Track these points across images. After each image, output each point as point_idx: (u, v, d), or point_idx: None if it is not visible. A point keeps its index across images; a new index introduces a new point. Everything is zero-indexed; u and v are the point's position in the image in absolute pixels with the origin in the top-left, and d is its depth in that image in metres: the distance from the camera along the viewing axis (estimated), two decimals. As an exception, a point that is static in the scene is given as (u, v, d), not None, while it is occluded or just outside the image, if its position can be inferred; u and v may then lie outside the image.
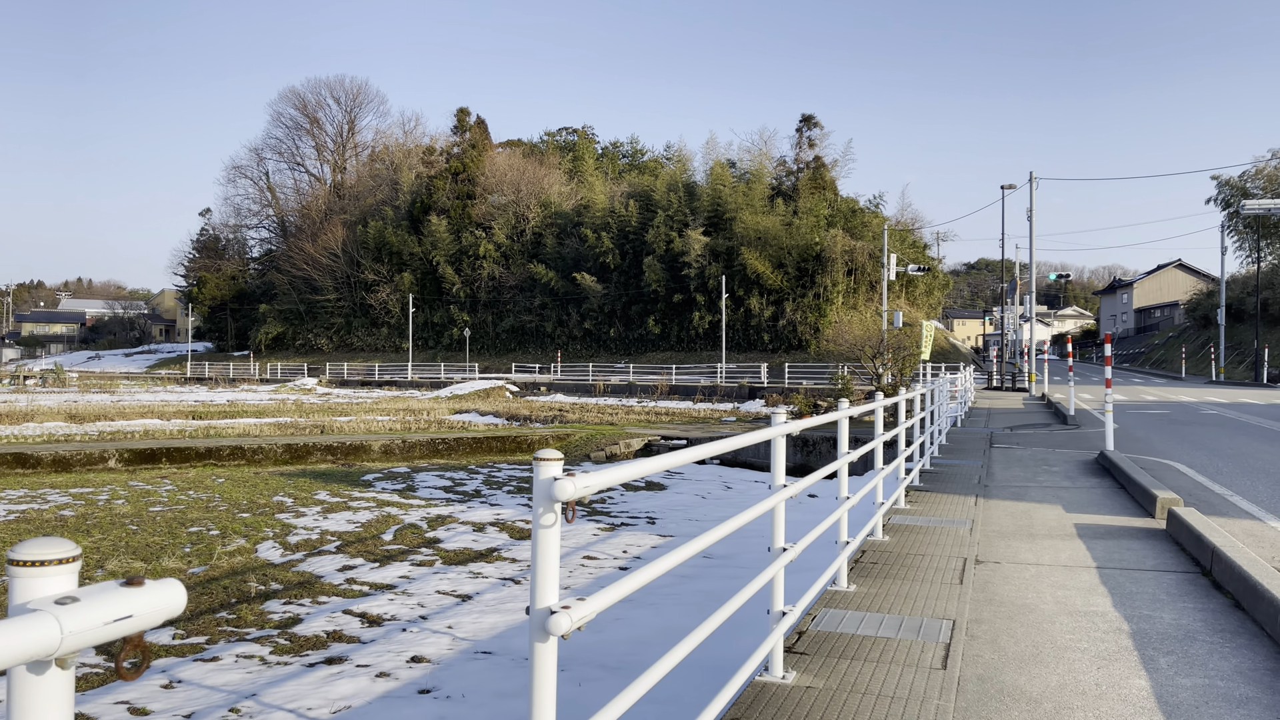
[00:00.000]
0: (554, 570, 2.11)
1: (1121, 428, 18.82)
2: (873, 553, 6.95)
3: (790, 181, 63.66)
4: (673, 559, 2.96)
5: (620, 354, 63.39)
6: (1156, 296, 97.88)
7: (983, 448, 15.06)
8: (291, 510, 14.00)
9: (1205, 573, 6.20)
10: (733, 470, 19.93)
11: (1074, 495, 9.90)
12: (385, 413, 36.73)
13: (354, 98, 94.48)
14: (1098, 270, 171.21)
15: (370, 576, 9.73)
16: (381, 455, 21.16)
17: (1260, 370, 41.54)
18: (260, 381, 68.27)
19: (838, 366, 39.57)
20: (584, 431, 24.51)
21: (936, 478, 11.35)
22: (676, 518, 13.71)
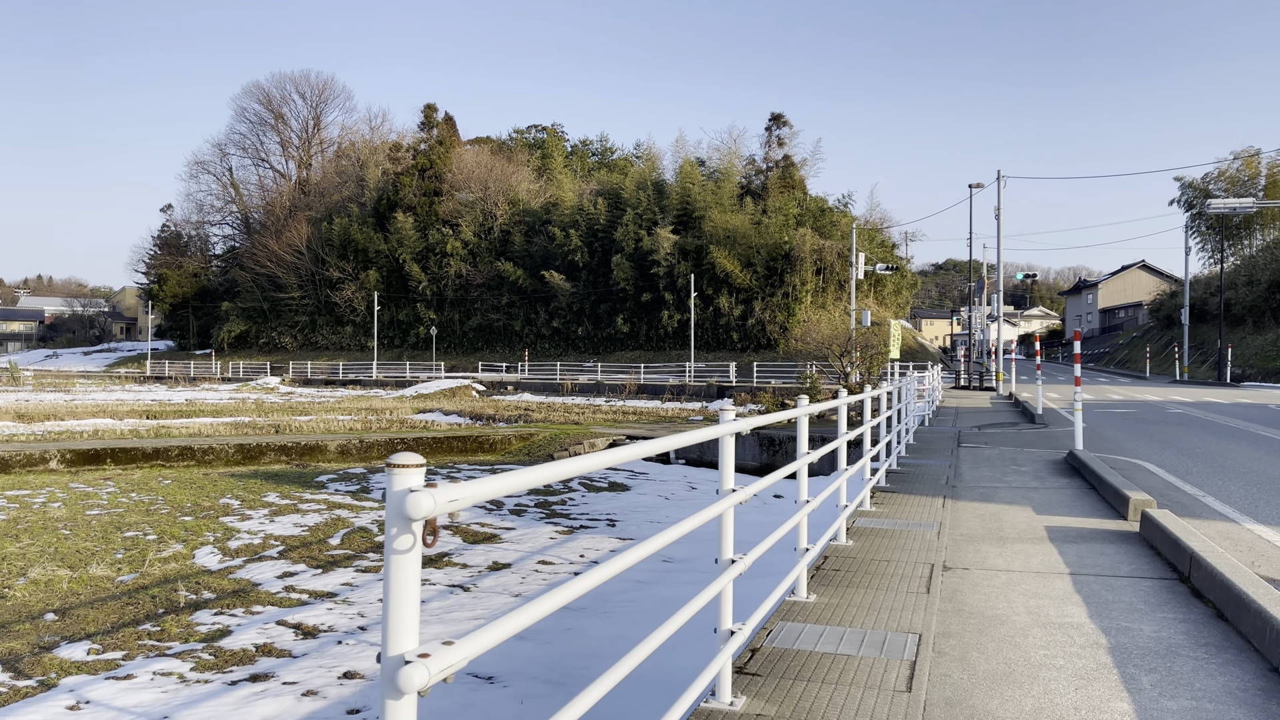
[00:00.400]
0: (411, 607, 1.67)
1: (1089, 427, 18.65)
2: (835, 558, 6.57)
3: (759, 180, 63.49)
4: (579, 586, 2.55)
5: (589, 353, 62.91)
6: (1121, 297, 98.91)
7: (950, 447, 14.79)
8: (237, 513, 13.44)
9: (1184, 579, 5.87)
10: (698, 470, 19.55)
11: (1044, 496, 9.60)
12: (347, 412, 36.03)
13: (320, 93, 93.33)
14: (1063, 271, 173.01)
15: (311, 584, 9.23)
16: (338, 456, 20.57)
17: (1223, 369, 41.85)
18: (222, 380, 67.07)
19: (806, 365, 39.37)
20: (548, 431, 24.04)
21: (903, 478, 11.02)
22: (638, 520, 13.30)
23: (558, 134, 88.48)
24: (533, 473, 2.08)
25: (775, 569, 7.87)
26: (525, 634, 7.41)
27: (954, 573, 6.13)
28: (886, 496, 9.59)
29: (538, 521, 13.04)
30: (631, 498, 15.48)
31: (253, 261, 78.08)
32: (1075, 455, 11.91)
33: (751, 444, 19.60)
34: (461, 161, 72.81)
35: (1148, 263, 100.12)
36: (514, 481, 1.95)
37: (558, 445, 22.31)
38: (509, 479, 1.93)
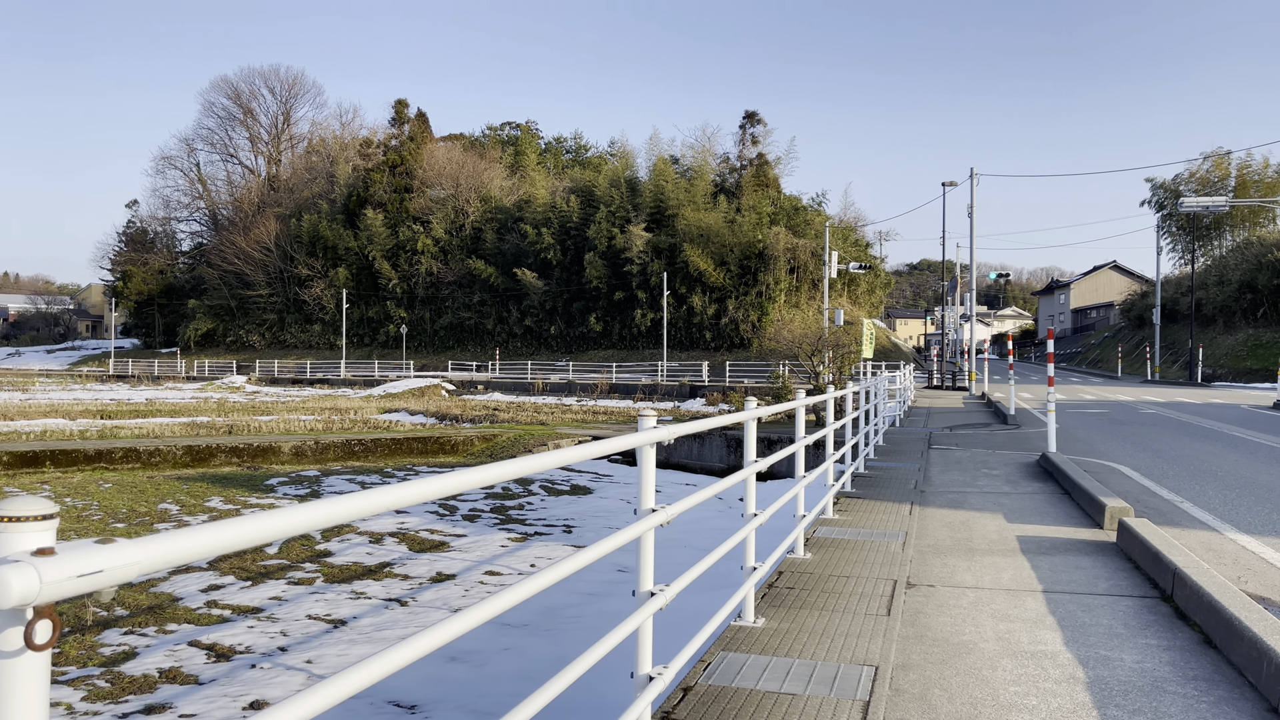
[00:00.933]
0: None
1: (1062, 428, 18.28)
2: (791, 574, 6.05)
3: (733, 179, 63.08)
4: (459, 624, 2.01)
5: (561, 352, 62.27)
6: (1092, 297, 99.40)
7: (921, 449, 14.34)
8: (174, 520, 12.76)
9: (1166, 598, 5.39)
10: (664, 472, 19.01)
11: (1016, 502, 9.14)
12: (310, 412, 35.22)
13: (289, 88, 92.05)
14: (1036, 272, 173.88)
15: (237, 598, 8.60)
16: (292, 457, 19.86)
17: (1194, 370, 41.85)
18: (187, 379, 65.85)
19: (779, 365, 38.96)
20: (512, 432, 23.44)
21: (870, 482, 10.54)
22: (596, 525, 12.74)
23: (532, 131, 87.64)
24: (341, 503, 1.50)
25: (733, 580, 7.35)
26: (458, 654, 6.84)
27: (918, 590, 5.62)
28: (851, 503, 9.09)
29: (491, 528, 12.45)
30: (593, 502, 14.92)
31: (220, 258, 76.79)
32: (1048, 458, 11.47)
33: (718, 445, 19.09)
34: (433, 158, 71.87)
35: (1119, 263, 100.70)
36: (183, 547, 1.26)
37: (521, 447, 21.71)
38: (180, 542, 1.27)
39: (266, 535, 1.43)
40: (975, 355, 33.23)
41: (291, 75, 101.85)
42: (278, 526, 1.44)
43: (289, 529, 1.48)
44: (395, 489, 1.82)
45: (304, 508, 1.54)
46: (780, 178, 63.80)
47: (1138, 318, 64.84)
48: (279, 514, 1.46)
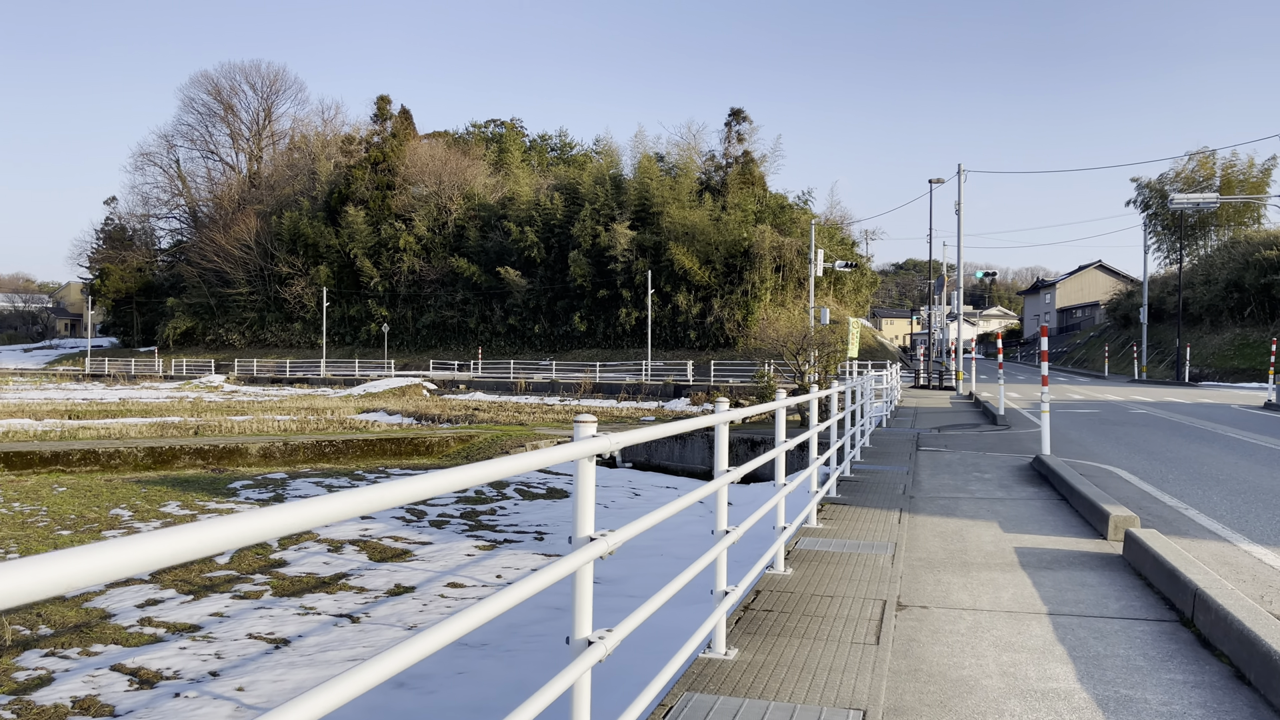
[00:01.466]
0: None
1: (1053, 428, 17.79)
2: (769, 594, 5.47)
3: (719, 176, 62.55)
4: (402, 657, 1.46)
5: (545, 351, 61.60)
6: (1078, 297, 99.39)
7: (909, 451, 13.81)
8: (125, 526, 12.09)
9: (1186, 621, 4.84)
10: (645, 475, 18.44)
11: (1011, 509, 8.60)
12: (286, 412, 34.50)
13: (271, 84, 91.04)
14: (1021, 271, 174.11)
15: (174, 614, 7.97)
16: (259, 459, 19.18)
17: (1181, 369, 41.57)
18: (165, 378, 64.87)
19: (765, 364, 38.45)
20: (489, 433, 22.81)
21: (857, 487, 9.99)
22: (570, 532, 12.14)
23: (517, 129, 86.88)
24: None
25: (708, 592, 6.77)
26: (408, 679, 6.24)
27: (910, 613, 5.06)
28: (836, 510, 8.53)
29: (459, 534, 11.85)
30: (567, 506, 14.32)
31: (199, 256, 75.74)
32: (1043, 461, 10.95)
33: (700, 445, 18.52)
34: (415, 154, 71.05)
35: (1104, 263, 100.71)
36: None
37: (498, 448, 21.10)
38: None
39: (205, 548, 1.24)
40: (962, 354, 32.79)
41: (273, 71, 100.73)
42: (216, 538, 1.26)
43: (232, 540, 1.30)
44: (356, 495, 1.65)
45: (249, 517, 1.36)
46: (766, 176, 63.31)
47: (1123, 317, 64.70)
48: (218, 525, 1.28)
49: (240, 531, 1.32)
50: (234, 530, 1.30)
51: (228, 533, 1.28)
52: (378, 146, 73.10)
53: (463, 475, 2.02)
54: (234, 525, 1.31)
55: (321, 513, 1.50)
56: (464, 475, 2.02)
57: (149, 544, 1.15)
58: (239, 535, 1.32)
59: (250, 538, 1.36)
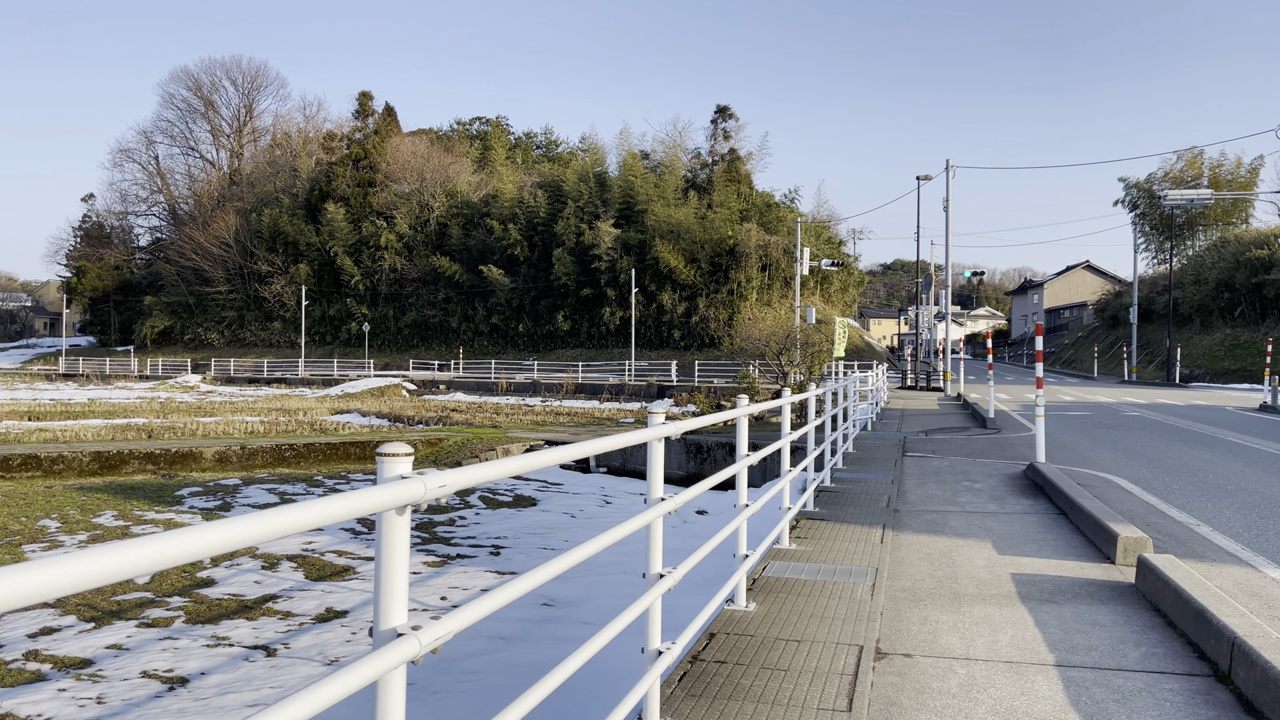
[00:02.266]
0: None
1: (1045, 432, 17.04)
2: (725, 639, 4.63)
3: (705, 174, 61.75)
4: None
5: (529, 350, 60.69)
6: (1066, 297, 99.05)
7: (894, 456, 13.01)
8: (48, 539, 11.17)
9: (1222, 677, 4.03)
10: (619, 480, 17.60)
11: (1005, 525, 7.78)
12: (257, 413, 33.54)
13: (252, 80, 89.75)
14: (1009, 272, 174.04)
15: (67, 647, 7.08)
16: (215, 464, 18.25)
17: (1172, 370, 40.97)
18: (140, 378, 63.67)
19: (750, 364, 37.66)
20: (459, 435, 21.93)
21: (837, 499, 9.16)
22: (530, 546, 11.28)
23: (502, 126, 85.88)
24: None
25: (715, 577, 5.91)
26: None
27: (891, 664, 4.22)
28: (813, 527, 7.70)
29: (410, 549, 10.95)
30: (533, 515, 13.47)
31: (178, 254, 74.50)
32: (1038, 470, 10.16)
33: (678, 450, 17.67)
34: (397, 151, 69.98)
35: (1092, 263, 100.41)
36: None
37: (468, 451, 20.22)
38: None
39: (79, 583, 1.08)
40: (950, 355, 32.03)
41: (254, 67, 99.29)
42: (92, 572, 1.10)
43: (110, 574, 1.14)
44: (286, 513, 1.45)
45: (145, 544, 1.18)
46: (752, 174, 62.53)
47: (1112, 317, 64.20)
48: (97, 555, 1.12)
49: (183, 549, 1.22)
50: (176, 548, 1.21)
51: (165, 551, 1.19)
52: (359, 143, 72.04)
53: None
54: (175, 543, 1.22)
55: (298, 520, 1.43)
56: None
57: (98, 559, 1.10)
58: (181, 553, 1.22)
59: (192, 554, 1.25)
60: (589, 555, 2.89)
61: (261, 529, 1.39)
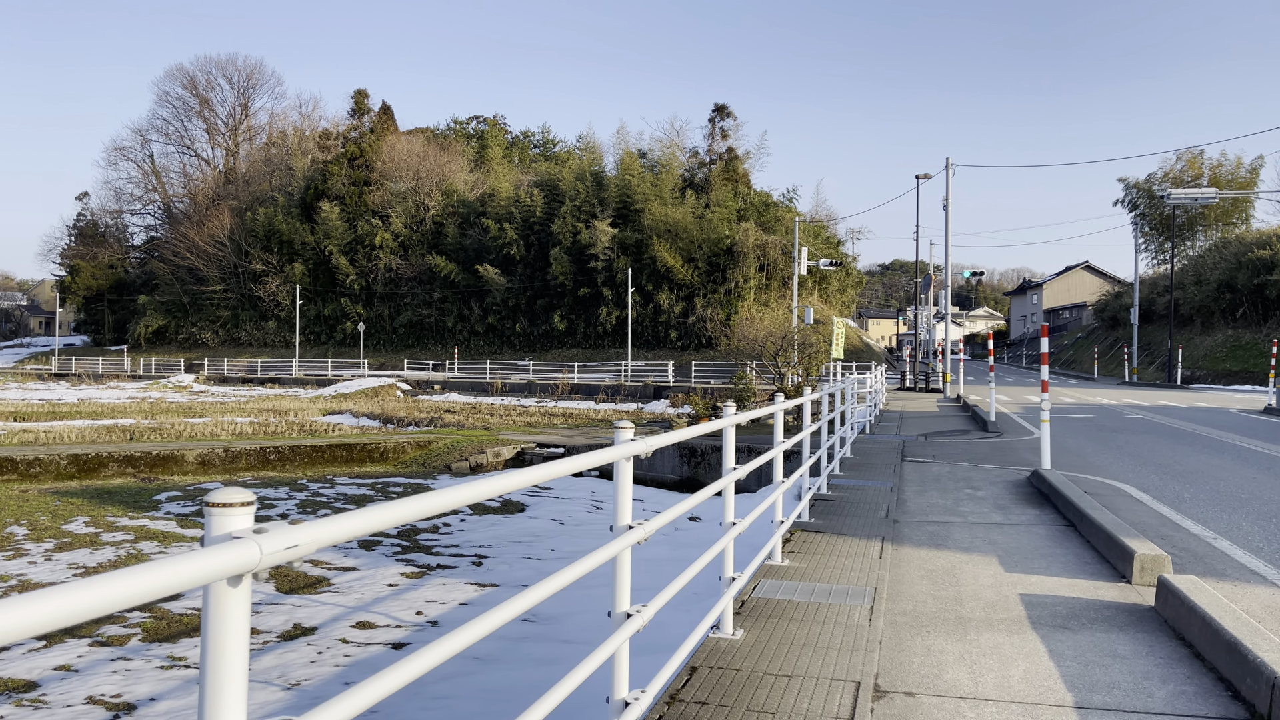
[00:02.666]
0: None
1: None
2: (708, 673, 4.20)
3: (702, 173, 61.31)
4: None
5: (525, 350, 60.25)
6: (1065, 298, 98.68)
7: (893, 461, 12.58)
8: (14, 548, 10.73)
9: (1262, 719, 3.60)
10: (611, 484, 17.14)
11: (1012, 538, 7.36)
12: (248, 414, 33.11)
13: (248, 78, 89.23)
14: (1007, 273, 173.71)
15: (15, 667, 6.65)
16: (197, 467, 17.81)
17: (1173, 371, 40.56)
18: (133, 378, 63.18)
19: (747, 365, 37.24)
20: (450, 438, 21.49)
21: (834, 508, 8.74)
22: (514, 555, 10.85)
23: (499, 125, 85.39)
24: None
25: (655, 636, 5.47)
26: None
27: (892, 704, 3.79)
28: (808, 540, 7.27)
29: (389, 557, 10.54)
30: (520, 522, 13.03)
31: (172, 253, 74.01)
32: (1043, 477, 9.73)
33: (671, 454, 17.23)
34: (393, 150, 69.50)
35: (1091, 264, 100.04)
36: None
37: (458, 454, 19.79)
38: None
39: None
40: (949, 355, 31.61)
41: (250, 65, 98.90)
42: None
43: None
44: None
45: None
46: (750, 173, 62.13)
47: (1111, 318, 63.86)
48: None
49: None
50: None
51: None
52: (355, 141, 71.59)
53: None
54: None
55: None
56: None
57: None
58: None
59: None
60: (545, 596, 2.48)
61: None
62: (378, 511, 1.65)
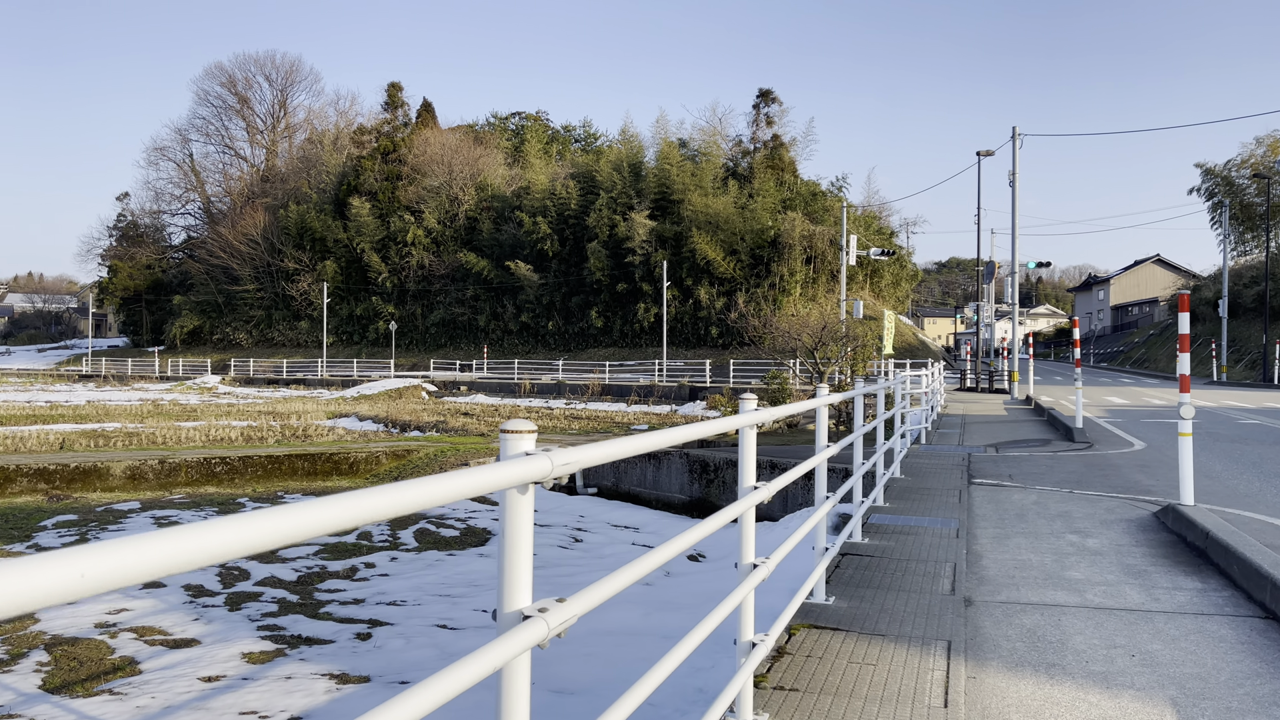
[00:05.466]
0: None
1: (1152, 444, 13.26)
2: None
3: (745, 162, 58.01)
4: None
5: (560, 350, 57.51)
6: (1134, 293, 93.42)
7: (958, 486, 9.40)
8: None
9: None
10: (605, 506, 14.14)
11: (1178, 649, 4.20)
12: (246, 416, 30.78)
13: (286, 75, 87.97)
14: (1068, 270, 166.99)
15: None
16: (125, 482, 15.16)
17: (1269, 369, 36.37)
18: (160, 379, 61.83)
19: (789, 362, 33.98)
20: (434, 446, 18.66)
21: (870, 572, 5.65)
22: (425, 621, 7.86)
23: (541, 120, 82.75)
24: None
25: None
26: None
27: None
28: (821, 643, 4.18)
29: (253, 621, 7.64)
30: (466, 562, 10.08)
31: (207, 253, 72.69)
32: (1189, 520, 6.51)
33: (678, 468, 14.11)
34: (427, 144, 67.24)
35: (1163, 257, 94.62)
36: None
37: (435, 467, 16.95)
38: None
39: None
40: (1018, 351, 28.01)
41: (288, 62, 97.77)
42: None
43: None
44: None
45: None
46: (797, 161, 58.67)
47: (1189, 313, 59.18)
48: None
49: None
50: None
51: None
52: (388, 136, 69.54)
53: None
54: None
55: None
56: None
57: None
58: None
59: None
60: None
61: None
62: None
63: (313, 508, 1.23)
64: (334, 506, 1.24)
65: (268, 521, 1.10)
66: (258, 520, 1.09)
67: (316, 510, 1.21)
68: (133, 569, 0.91)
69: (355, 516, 1.28)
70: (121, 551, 0.90)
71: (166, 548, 0.97)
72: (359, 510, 1.28)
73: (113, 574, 0.90)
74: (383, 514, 1.32)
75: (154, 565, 0.94)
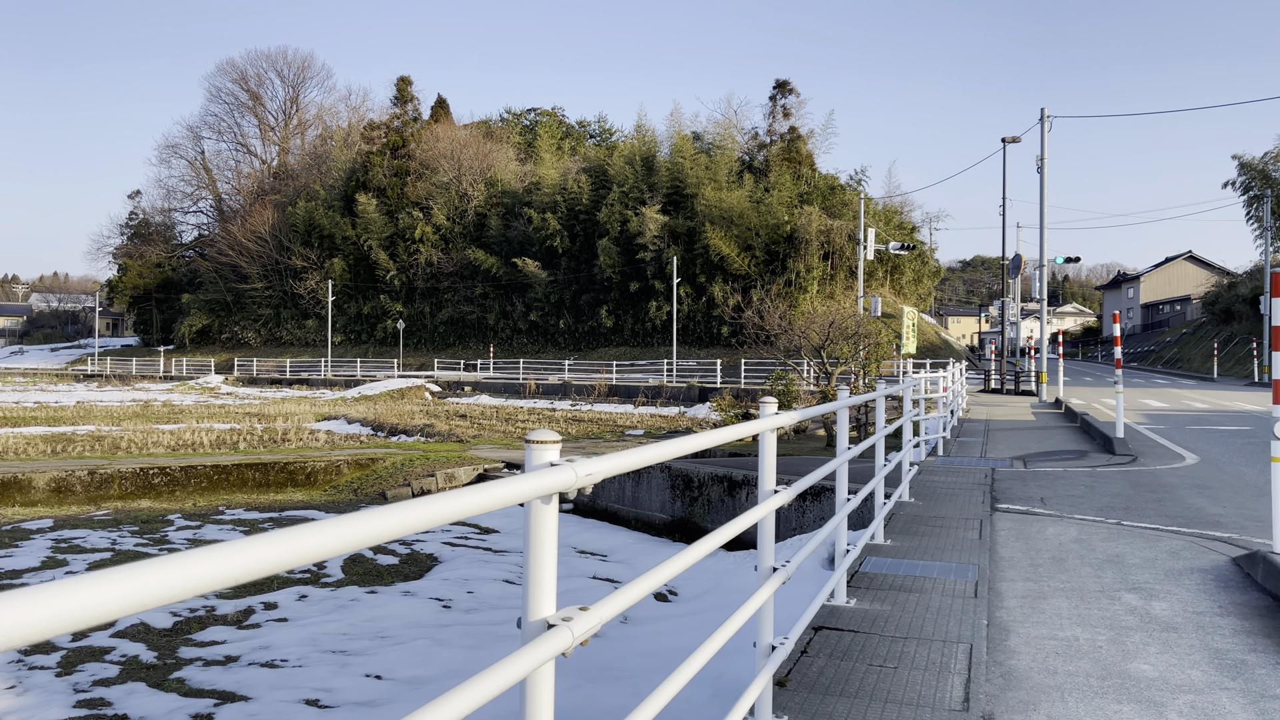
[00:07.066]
0: None
1: (1204, 459, 11.43)
2: None
3: (761, 155, 56.19)
4: None
5: (569, 349, 55.95)
6: (1165, 291, 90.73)
7: (978, 513, 7.68)
8: None
9: None
10: (579, 526, 12.47)
11: None
12: (231, 419, 29.41)
13: (298, 72, 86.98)
14: (1095, 268, 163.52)
15: None
16: (49, 495, 13.66)
17: (1315, 370, 34.14)
18: (164, 379, 60.81)
19: (799, 363, 32.17)
20: (402, 454, 17.05)
21: (850, 654, 3.95)
22: (286, 697, 6.20)
23: (556, 115, 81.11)
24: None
25: None
26: None
27: None
28: None
29: (75, 693, 6.03)
30: (386, 604, 8.43)
31: (216, 251, 71.71)
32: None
33: (659, 484, 12.40)
34: (436, 139, 65.83)
35: (1195, 254, 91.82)
36: None
37: (400, 478, 15.35)
38: None
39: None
40: (1046, 350, 26.08)
41: (300, 58, 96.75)
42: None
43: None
44: None
45: None
46: (814, 154, 56.77)
47: (1224, 311, 56.81)
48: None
49: None
50: None
51: None
52: (397, 131, 68.21)
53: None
54: None
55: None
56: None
57: None
58: None
59: None
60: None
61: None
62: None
63: (232, 550, 0.95)
64: (259, 547, 0.95)
65: (154, 575, 0.84)
66: (141, 573, 0.82)
67: (232, 554, 0.93)
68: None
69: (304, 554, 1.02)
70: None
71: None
72: (313, 546, 1.04)
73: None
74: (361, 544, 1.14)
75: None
